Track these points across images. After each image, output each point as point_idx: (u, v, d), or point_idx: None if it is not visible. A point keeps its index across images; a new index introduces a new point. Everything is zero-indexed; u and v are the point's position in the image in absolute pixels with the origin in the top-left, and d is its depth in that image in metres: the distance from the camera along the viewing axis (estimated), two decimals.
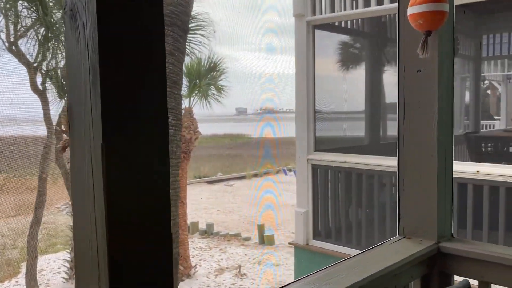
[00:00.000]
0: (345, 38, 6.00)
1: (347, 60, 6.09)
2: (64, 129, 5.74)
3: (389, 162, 4.58)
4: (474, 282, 1.64)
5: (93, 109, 0.77)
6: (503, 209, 3.82)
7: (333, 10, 4.93)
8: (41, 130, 9.88)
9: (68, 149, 6.01)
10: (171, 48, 2.52)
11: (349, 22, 5.50)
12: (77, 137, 0.83)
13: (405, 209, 1.75)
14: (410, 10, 1.59)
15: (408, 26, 1.65)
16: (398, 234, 1.78)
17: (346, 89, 5.74)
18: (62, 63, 10.00)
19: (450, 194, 1.76)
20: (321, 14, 5.00)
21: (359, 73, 6.05)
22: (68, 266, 10.41)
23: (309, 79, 4.99)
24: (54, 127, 8.77)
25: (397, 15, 1.76)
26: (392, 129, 6.08)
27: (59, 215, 14.27)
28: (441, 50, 1.67)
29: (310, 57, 4.97)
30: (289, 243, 5.59)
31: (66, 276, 10.37)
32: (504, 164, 4.77)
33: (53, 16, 8.12)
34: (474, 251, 1.65)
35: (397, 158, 1.77)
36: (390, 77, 5.82)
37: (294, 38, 5.03)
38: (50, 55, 10.25)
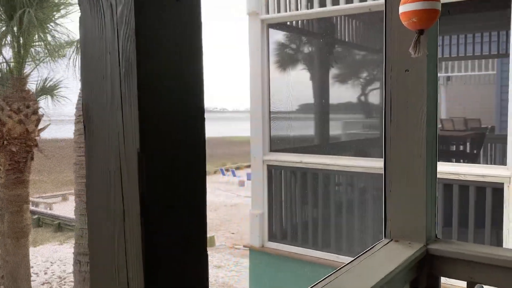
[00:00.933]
0: (297, 37, 6.01)
1: (298, 60, 6.10)
2: None
3: (345, 162, 4.64)
4: (462, 284, 1.65)
5: (125, 108, 0.64)
6: (456, 206, 3.98)
7: (288, 9, 4.90)
8: None
9: None
10: None
11: (299, 22, 5.50)
12: (99, 143, 0.69)
13: (392, 211, 1.72)
14: (403, 8, 1.55)
15: (396, 25, 1.62)
16: (385, 237, 1.75)
17: (297, 88, 5.74)
18: None
19: (435, 195, 1.75)
20: (275, 12, 4.96)
21: (307, 73, 6.08)
22: None
23: (264, 79, 4.94)
24: None
25: (384, 13, 1.72)
26: (335, 129, 6.18)
27: None
28: (429, 49, 1.66)
29: (265, 56, 4.92)
30: (244, 246, 5.49)
31: None
32: (453, 162, 4.99)
33: None
34: (461, 252, 1.65)
35: (383, 159, 1.73)
36: (337, 78, 5.91)
37: (246, 36, 4.95)
38: None
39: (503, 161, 5.66)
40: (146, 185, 0.63)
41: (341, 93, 5.66)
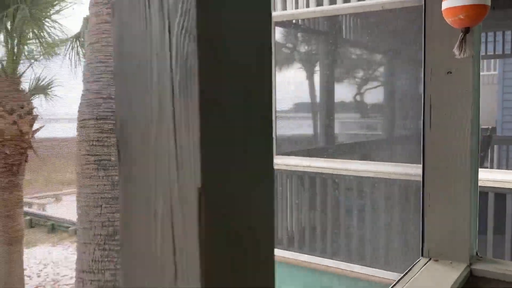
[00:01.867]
0: (303, 36, 5.87)
1: (303, 59, 5.97)
2: None
3: (354, 166, 4.49)
4: None
5: (179, 130, 0.47)
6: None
7: (294, 7, 4.75)
8: None
9: None
10: None
11: (306, 20, 5.35)
12: (139, 174, 0.53)
13: (430, 227, 1.57)
14: (447, 4, 1.40)
15: (437, 23, 1.46)
16: (422, 255, 1.59)
17: (302, 88, 5.60)
18: None
19: (477, 210, 1.60)
20: (282, 10, 4.80)
21: (312, 73, 5.95)
22: None
23: None
24: None
25: (423, 11, 1.57)
26: (341, 129, 6.04)
27: None
28: (474, 50, 1.50)
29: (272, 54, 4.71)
30: None
31: None
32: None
33: None
34: (507, 273, 1.50)
35: (421, 169, 1.58)
36: (344, 77, 5.79)
37: None
38: None
39: None
40: (207, 234, 0.47)
41: (346, 92, 5.54)
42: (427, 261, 1.55)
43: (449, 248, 1.54)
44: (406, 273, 1.47)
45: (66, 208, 14.70)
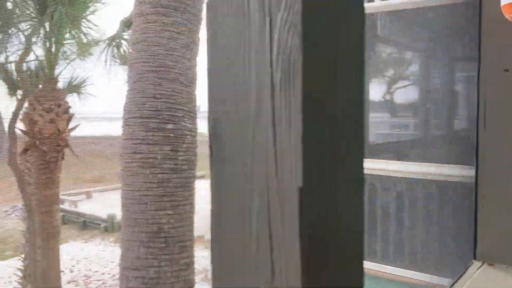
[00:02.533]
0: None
1: None
2: (25, 129, 5.20)
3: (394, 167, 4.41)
4: None
5: (279, 129, 0.46)
6: None
7: None
8: None
9: (29, 151, 5.46)
10: (188, 40, 2.18)
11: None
12: (234, 172, 0.52)
13: (484, 230, 1.52)
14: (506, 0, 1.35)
15: (494, 19, 1.41)
16: (475, 258, 1.54)
17: None
18: (12, 58, 9.29)
19: None
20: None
21: None
22: (21, 274, 9.68)
23: None
24: (15, 127, 8.08)
25: (478, 7, 1.52)
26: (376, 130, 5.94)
27: (7, 219, 13.41)
28: None
29: None
30: None
31: (18, 286, 9.64)
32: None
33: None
34: None
35: (475, 170, 1.53)
36: (374, 75, 5.69)
37: None
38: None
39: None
40: (308, 232, 0.46)
41: (378, 91, 5.45)
42: (481, 265, 1.50)
43: (505, 252, 1.49)
44: (460, 277, 1.43)
45: (97, 206, 14.99)
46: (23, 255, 9.79)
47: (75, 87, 6.25)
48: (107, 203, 15.28)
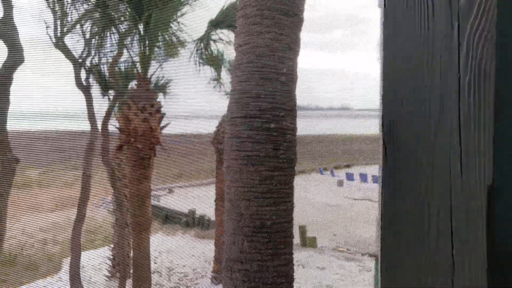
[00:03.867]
0: None
1: None
2: (121, 127, 5.56)
3: None
4: None
5: (466, 128, 0.48)
6: None
7: None
8: (85, 126, 9.82)
9: (123, 148, 5.83)
10: (289, 41, 2.25)
11: None
12: (411, 171, 0.54)
13: None
14: None
15: None
16: None
17: None
18: (105, 59, 9.91)
19: None
20: None
21: None
22: (110, 263, 10.32)
23: None
24: (108, 125, 8.63)
25: None
26: None
27: (99, 212, 14.23)
28: None
29: None
30: (369, 255, 5.24)
31: (108, 274, 10.28)
32: None
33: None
34: None
35: None
36: None
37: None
38: (94, 51, 10.17)
39: None
40: (495, 231, 0.47)
41: None
42: None
43: None
44: None
45: (178, 201, 15.58)
46: (112, 245, 10.43)
47: (166, 88, 6.56)
48: (187, 198, 15.88)
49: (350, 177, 17.91)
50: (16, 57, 7.42)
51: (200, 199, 14.42)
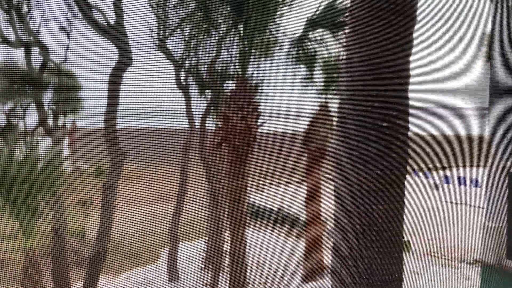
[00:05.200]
0: None
1: None
2: (221, 125, 5.81)
3: None
4: None
5: None
6: None
7: None
8: (184, 124, 10.36)
9: (222, 145, 6.09)
10: (402, 40, 2.25)
11: None
12: None
13: None
14: None
15: None
16: None
17: None
18: (204, 60, 10.36)
19: None
20: None
21: None
22: (204, 255, 10.77)
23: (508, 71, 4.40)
24: (206, 123, 9.07)
25: None
26: None
27: (194, 206, 14.91)
28: None
29: None
30: (474, 260, 5.02)
31: (202, 265, 10.74)
32: None
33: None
34: None
35: None
36: None
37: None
38: (193, 52, 10.67)
39: None
40: None
41: None
42: None
43: None
44: None
45: (266, 198, 15.83)
46: (206, 238, 10.89)
47: (259, 86, 6.73)
48: (277, 196, 16.10)
49: (446, 179, 17.04)
50: (125, 59, 8.02)
51: (290, 197, 14.56)
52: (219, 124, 5.98)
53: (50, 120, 11.36)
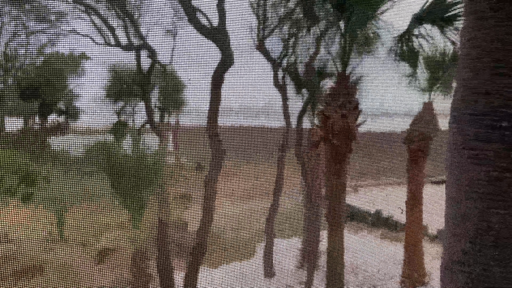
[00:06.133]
0: None
1: None
2: (319, 124, 5.80)
3: None
4: None
5: None
6: None
7: None
8: (281, 123, 10.49)
9: (319, 144, 6.08)
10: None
11: None
12: None
13: None
14: None
15: None
16: None
17: None
18: (302, 58, 10.40)
19: None
20: None
21: None
22: (300, 254, 10.81)
23: None
24: (302, 122, 9.14)
25: None
26: None
27: (290, 202, 14.91)
28: None
29: None
30: None
31: (298, 263, 10.80)
32: None
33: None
34: None
35: None
36: None
37: None
38: (291, 51, 10.74)
39: None
40: None
41: None
42: None
43: None
44: None
45: (362, 199, 15.46)
46: (302, 237, 10.92)
47: (360, 84, 6.61)
48: (371, 198, 15.67)
49: None
50: (227, 60, 8.31)
51: (389, 199, 14.10)
52: (317, 123, 5.97)
53: (156, 118, 12.14)
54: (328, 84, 8.67)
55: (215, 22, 8.47)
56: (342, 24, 5.86)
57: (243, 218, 13.03)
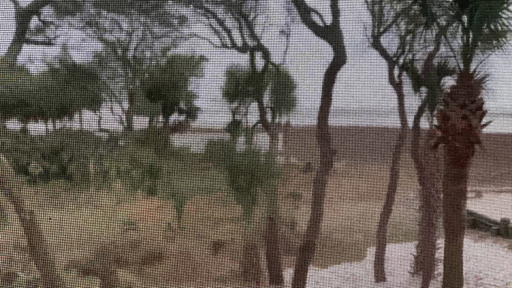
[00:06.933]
0: None
1: None
2: (438, 125, 5.44)
3: None
4: None
5: None
6: None
7: None
8: (396, 123, 10.08)
9: (438, 146, 5.71)
10: None
11: None
12: None
13: None
14: None
15: None
16: None
17: None
18: (420, 56, 9.88)
19: None
20: None
21: None
22: (414, 260, 10.31)
23: None
24: (419, 123, 8.71)
25: None
26: None
27: (405, 208, 14.33)
28: None
29: None
30: None
31: (411, 270, 10.31)
32: None
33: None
34: None
35: None
36: None
37: None
38: (409, 48, 10.27)
39: None
40: None
41: None
42: None
43: None
44: None
45: (487, 206, 14.24)
46: (417, 242, 10.37)
47: (485, 82, 6.08)
48: (498, 205, 14.35)
49: None
50: (340, 58, 8.19)
51: None
52: (436, 124, 5.61)
53: (268, 117, 12.40)
54: (449, 82, 8.13)
55: (328, 20, 8.38)
56: (464, 18, 5.43)
57: (353, 220, 12.76)
